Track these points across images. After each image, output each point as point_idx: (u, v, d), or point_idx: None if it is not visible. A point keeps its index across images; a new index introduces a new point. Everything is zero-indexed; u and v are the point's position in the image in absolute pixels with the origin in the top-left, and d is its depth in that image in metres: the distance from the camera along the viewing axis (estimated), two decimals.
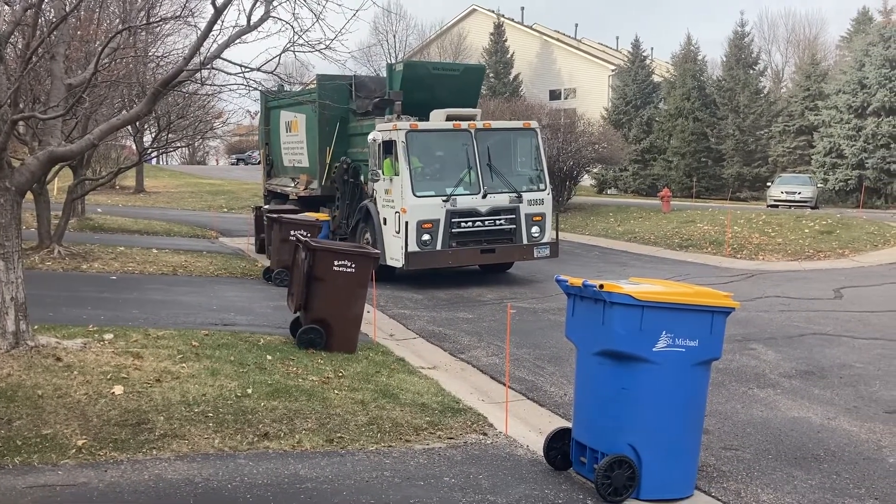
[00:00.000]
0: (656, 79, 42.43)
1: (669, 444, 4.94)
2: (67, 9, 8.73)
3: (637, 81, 41.40)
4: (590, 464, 5.07)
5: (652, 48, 46.92)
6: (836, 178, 32.73)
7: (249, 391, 6.52)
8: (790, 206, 28.33)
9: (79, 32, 13.02)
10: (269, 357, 7.75)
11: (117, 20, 15.31)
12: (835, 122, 33.20)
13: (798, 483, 5.37)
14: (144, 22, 12.25)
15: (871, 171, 31.80)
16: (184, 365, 7.19)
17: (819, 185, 32.03)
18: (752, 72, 39.11)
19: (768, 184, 32.77)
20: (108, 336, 8.09)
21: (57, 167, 13.75)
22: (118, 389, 6.28)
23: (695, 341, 4.90)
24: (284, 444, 5.52)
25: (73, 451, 5.11)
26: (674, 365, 4.86)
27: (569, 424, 5.56)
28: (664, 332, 4.83)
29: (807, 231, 19.48)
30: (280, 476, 4.96)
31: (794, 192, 29.84)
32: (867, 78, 32.39)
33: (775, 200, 29.83)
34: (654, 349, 4.82)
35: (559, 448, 5.40)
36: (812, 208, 28.21)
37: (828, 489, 5.28)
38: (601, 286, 4.88)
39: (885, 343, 9.39)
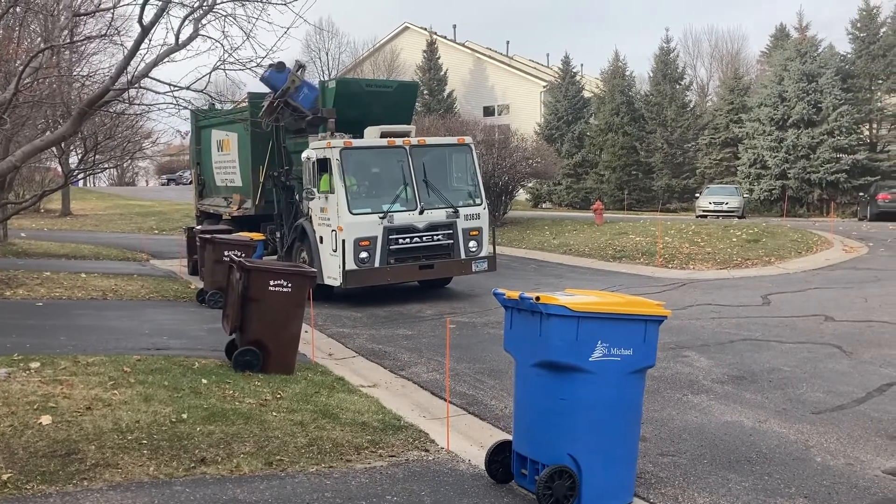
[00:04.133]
0: (587, 94, 43.29)
1: (608, 452, 5.02)
2: None
3: (568, 97, 42.18)
4: (531, 475, 5.11)
5: (582, 64, 47.85)
6: (761, 189, 33.90)
7: (185, 416, 6.37)
8: (718, 217, 29.20)
9: None
10: (204, 381, 7.58)
11: (39, 39, 14.90)
12: (758, 134, 34.42)
13: (732, 486, 5.50)
14: (68, 41, 11.95)
15: (794, 181, 33.04)
16: (115, 392, 6.98)
17: (745, 196, 33.16)
18: (678, 86, 40.31)
19: (697, 195, 33.74)
20: (35, 364, 7.80)
21: None
22: (46, 419, 6.06)
23: (629, 350, 4.99)
24: (222, 469, 5.40)
25: None
26: (610, 374, 4.94)
27: (509, 437, 5.59)
28: (600, 342, 4.91)
29: (735, 240, 20.09)
30: (218, 501, 4.85)
31: (722, 203, 30.79)
32: (787, 91, 33.72)
33: (704, 211, 30.74)
34: (590, 359, 4.90)
35: (500, 461, 5.42)
36: (739, 218, 29.14)
37: (760, 490, 5.42)
38: (537, 298, 4.94)
39: (810, 346, 9.72)
